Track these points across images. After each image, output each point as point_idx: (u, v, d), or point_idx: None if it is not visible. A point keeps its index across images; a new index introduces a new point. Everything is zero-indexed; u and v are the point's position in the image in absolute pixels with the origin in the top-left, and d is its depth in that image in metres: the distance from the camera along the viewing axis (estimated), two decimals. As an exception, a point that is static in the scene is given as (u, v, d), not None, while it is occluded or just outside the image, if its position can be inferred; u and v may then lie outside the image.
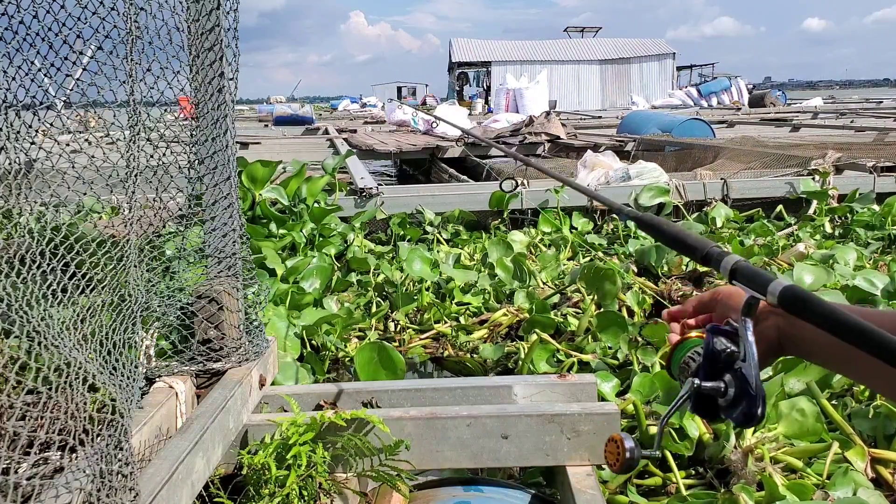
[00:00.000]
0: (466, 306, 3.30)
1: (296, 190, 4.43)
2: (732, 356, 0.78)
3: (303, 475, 1.52)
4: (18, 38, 1.08)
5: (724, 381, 0.79)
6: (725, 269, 0.73)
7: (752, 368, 0.75)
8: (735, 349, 0.79)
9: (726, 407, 0.79)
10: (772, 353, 0.85)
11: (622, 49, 36.74)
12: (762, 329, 0.81)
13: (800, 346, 0.83)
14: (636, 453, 0.81)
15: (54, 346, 1.02)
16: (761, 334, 0.80)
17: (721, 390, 0.79)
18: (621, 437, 0.82)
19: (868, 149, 7.03)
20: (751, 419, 0.76)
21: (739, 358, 0.77)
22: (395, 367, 2.41)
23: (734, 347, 0.79)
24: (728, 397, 0.78)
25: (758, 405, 0.75)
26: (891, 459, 1.84)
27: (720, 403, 0.80)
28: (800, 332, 0.81)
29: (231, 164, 1.78)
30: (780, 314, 0.82)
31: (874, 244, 4.01)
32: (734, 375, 0.78)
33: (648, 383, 2.11)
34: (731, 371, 0.78)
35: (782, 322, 0.83)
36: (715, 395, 0.79)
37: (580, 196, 4.85)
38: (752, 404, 0.75)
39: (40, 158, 1.14)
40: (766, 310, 0.82)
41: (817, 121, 14.00)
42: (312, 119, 17.73)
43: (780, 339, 0.83)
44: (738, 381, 0.77)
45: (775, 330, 0.83)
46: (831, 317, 0.59)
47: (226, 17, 1.72)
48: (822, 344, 0.79)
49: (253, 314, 1.88)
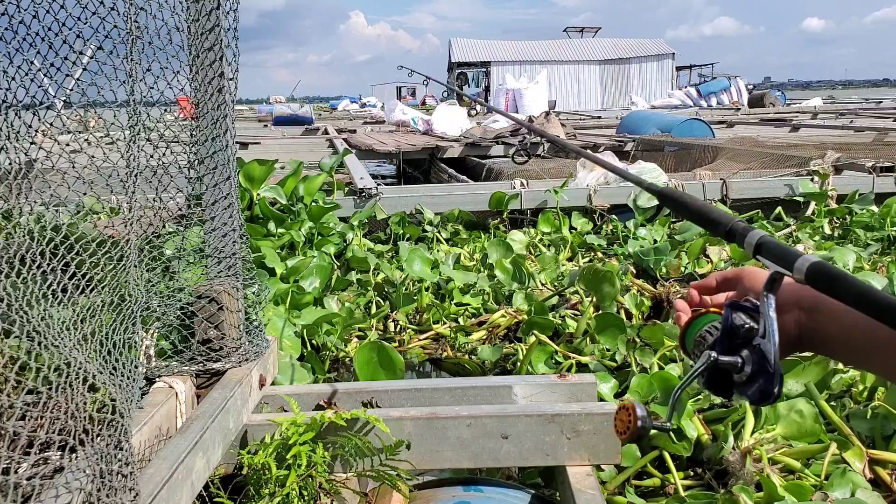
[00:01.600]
0: (466, 307, 3.30)
1: (293, 189, 4.43)
2: (751, 332, 0.76)
3: (303, 475, 1.52)
4: (18, 38, 1.08)
5: (741, 357, 0.76)
6: (750, 244, 0.71)
7: (771, 345, 0.73)
8: (754, 325, 0.76)
9: (742, 384, 0.77)
10: (790, 349, 0.82)
11: (621, 49, 36.75)
12: (781, 323, 0.78)
13: (820, 342, 0.80)
14: (647, 422, 0.78)
15: (54, 346, 1.02)
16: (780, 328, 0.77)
17: (738, 366, 0.76)
18: (633, 405, 0.79)
19: (867, 149, 7.04)
20: (767, 397, 0.74)
21: (758, 334, 0.75)
22: (395, 367, 2.41)
23: (753, 324, 0.77)
24: (744, 373, 0.76)
25: (775, 383, 0.73)
26: (889, 460, 1.84)
27: (735, 380, 0.77)
28: (821, 327, 0.79)
29: (231, 164, 1.78)
30: (802, 308, 0.80)
31: (873, 245, 4.01)
32: (752, 351, 0.76)
33: (647, 384, 2.11)
34: (750, 347, 0.76)
35: (803, 317, 0.80)
36: (731, 370, 0.77)
37: (580, 196, 4.86)
38: (769, 382, 0.74)
39: (40, 158, 1.14)
40: (787, 302, 0.80)
41: (816, 121, 14.00)
42: (312, 119, 17.73)
43: (799, 334, 0.81)
44: (756, 357, 0.75)
45: (795, 325, 0.81)
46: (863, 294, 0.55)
47: (226, 17, 1.72)
48: (846, 338, 0.77)
49: (253, 314, 1.89)
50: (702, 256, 3.57)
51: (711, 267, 3.45)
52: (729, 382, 0.78)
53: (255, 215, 4.16)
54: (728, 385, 0.79)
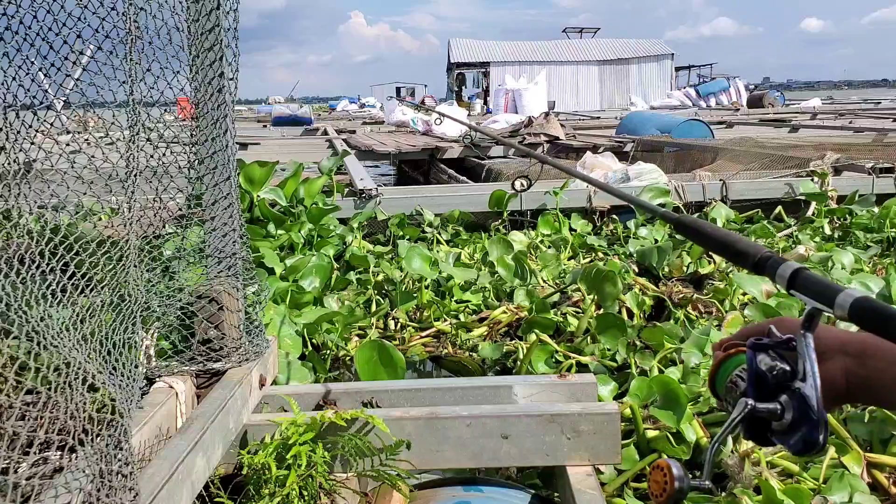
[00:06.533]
0: (466, 304, 3.30)
1: (293, 191, 4.43)
2: (784, 375, 0.69)
3: (303, 475, 1.52)
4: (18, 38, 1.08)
5: (780, 403, 0.69)
6: (783, 277, 0.64)
7: (813, 389, 0.66)
8: (784, 367, 0.70)
9: (782, 432, 0.69)
10: (837, 401, 0.73)
11: (621, 50, 36.76)
12: (825, 372, 0.69)
13: (874, 391, 0.71)
14: (685, 483, 0.68)
15: (54, 346, 1.01)
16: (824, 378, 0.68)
17: (777, 413, 0.69)
18: (668, 464, 0.70)
19: (867, 149, 7.04)
20: (812, 446, 0.66)
21: (798, 377, 0.68)
22: (396, 367, 2.41)
23: (783, 365, 0.70)
24: (785, 421, 0.68)
25: (820, 431, 0.65)
26: (887, 464, 1.84)
27: (775, 427, 0.70)
28: (876, 374, 0.70)
29: (231, 164, 1.78)
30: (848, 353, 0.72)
31: (873, 247, 4.01)
32: (791, 396, 0.68)
33: (646, 387, 2.11)
34: (788, 391, 0.68)
35: (851, 363, 0.71)
36: (770, 418, 0.70)
37: (580, 198, 4.86)
38: (813, 430, 0.66)
39: (39, 159, 1.14)
40: (830, 348, 0.72)
41: (816, 121, 13.99)
42: (311, 119, 17.74)
43: (847, 384, 0.72)
44: (796, 402, 0.67)
45: (843, 373, 0.72)
46: None
47: (226, 17, 1.72)
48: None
49: (253, 314, 1.88)
50: (704, 256, 3.57)
51: (714, 267, 3.45)
52: (767, 429, 0.71)
53: (255, 217, 4.16)
54: (767, 432, 0.71)
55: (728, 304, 2.98)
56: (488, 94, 31.11)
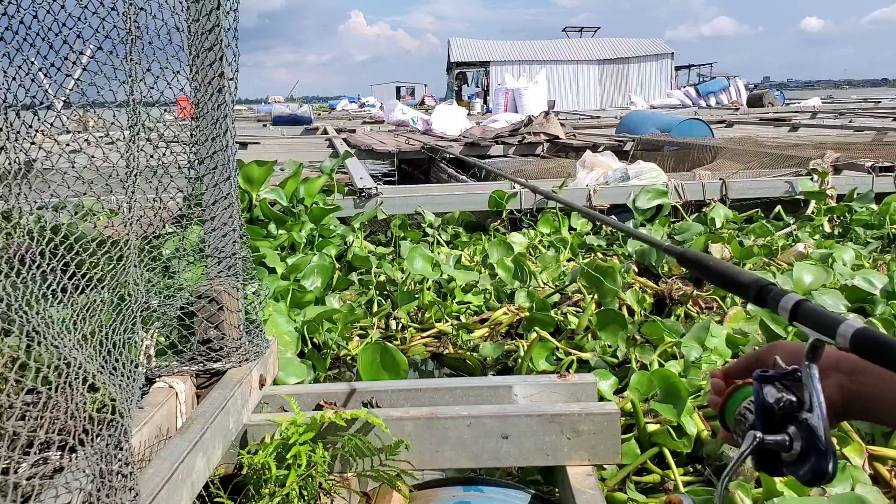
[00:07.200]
0: (467, 305, 3.30)
1: (294, 191, 4.43)
2: (791, 406, 0.70)
3: (303, 475, 1.52)
4: (18, 38, 1.08)
5: (788, 435, 0.70)
6: (785, 308, 0.65)
7: (820, 420, 0.68)
8: (791, 398, 0.71)
9: (791, 463, 0.70)
10: (835, 418, 0.75)
11: (621, 49, 36.75)
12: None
13: (867, 406, 0.74)
14: None
15: (54, 345, 1.01)
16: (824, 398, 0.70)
17: (786, 444, 0.70)
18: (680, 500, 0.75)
19: (866, 149, 7.04)
20: (821, 477, 0.68)
21: (805, 409, 0.69)
22: (398, 368, 2.41)
23: (790, 396, 0.71)
24: (793, 452, 0.70)
25: (828, 461, 0.67)
26: (888, 457, 1.85)
27: (784, 458, 0.71)
28: (870, 391, 0.72)
29: (231, 164, 1.78)
30: (842, 371, 0.74)
31: (873, 243, 4.01)
32: (799, 427, 0.69)
33: (646, 381, 2.11)
34: (796, 423, 0.70)
35: (846, 380, 0.74)
36: (779, 450, 0.71)
37: (579, 197, 4.86)
38: (822, 460, 0.67)
39: (40, 158, 1.14)
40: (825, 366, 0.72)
41: (816, 120, 14.00)
42: (311, 119, 17.75)
43: (843, 400, 0.74)
44: (804, 433, 0.69)
45: (838, 390, 0.74)
46: None
47: (226, 17, 1.72)
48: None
49: (253, 314, 1.89)
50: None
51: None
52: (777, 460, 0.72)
53: (255, 217, 4.15)
54: (777, 462, 0.73)
55: (729, 300, 2.99)
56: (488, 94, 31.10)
